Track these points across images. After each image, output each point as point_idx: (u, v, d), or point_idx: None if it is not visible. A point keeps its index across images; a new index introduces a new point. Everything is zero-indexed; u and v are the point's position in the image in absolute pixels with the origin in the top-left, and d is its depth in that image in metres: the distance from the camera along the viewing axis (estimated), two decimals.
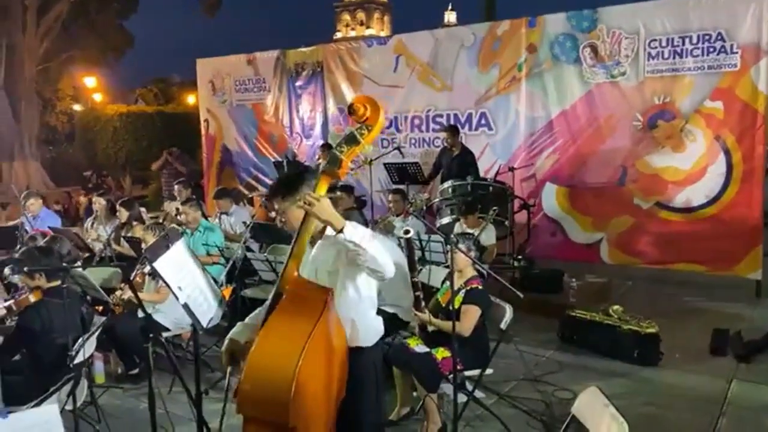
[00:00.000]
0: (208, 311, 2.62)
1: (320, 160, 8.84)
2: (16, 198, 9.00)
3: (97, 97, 21.78)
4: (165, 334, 4.69)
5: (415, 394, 3.91)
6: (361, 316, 2.51)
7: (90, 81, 21.38)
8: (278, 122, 10.11)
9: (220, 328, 5.38)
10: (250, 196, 9.53)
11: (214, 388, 4.46)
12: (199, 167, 11.80)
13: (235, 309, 5.25)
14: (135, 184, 18.60)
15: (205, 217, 6.91)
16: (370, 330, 2.55)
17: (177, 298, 2.43)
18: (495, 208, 6.07)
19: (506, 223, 6.67)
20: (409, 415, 4.00)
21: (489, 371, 3.85)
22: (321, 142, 9.45)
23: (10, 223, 7.03)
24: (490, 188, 6.86)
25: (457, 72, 8.15)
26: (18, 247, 5.92)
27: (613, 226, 7.17)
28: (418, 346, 3.81)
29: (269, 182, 10.21)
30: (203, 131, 11.07)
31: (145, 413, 4.26)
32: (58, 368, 3.62)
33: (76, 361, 3.61)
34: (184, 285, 2.49)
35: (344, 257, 2.35)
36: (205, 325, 2.60)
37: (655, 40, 6.73)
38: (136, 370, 4.80)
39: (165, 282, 2.41)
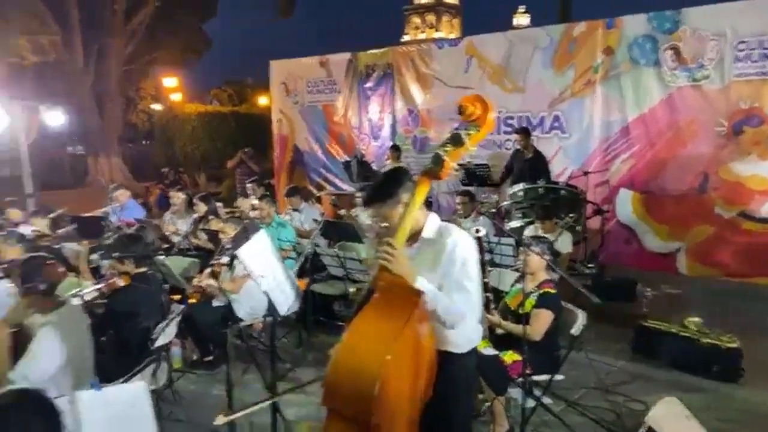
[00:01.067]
0: (287, 300, 2.71)
1: (389, 161, 8.92)
2: (103, 190, 9.57)
3: (176, 97, 22.76)
4: (238, 324, 4.87)
5: (480, 396, 3.89)
6: None
7: (170, 81, 22.36)
8: (348, 123, 10.28)
9: (290, 320, 5.58)
10: (318, 195, 9.72)
11: (284, 378, 4.58)
12: (270, 166, 12.14)
13: (305, 302, 5.38)
14: (209, 181, 19.31)
15: (277, 213, 7.11)
16: (461, 336, 2.52)
17: (259, 285, 2.52)
18: (572, 214, 5.95)
19: (578, 228, 6.52)
20: (475, 416, 3.98)
21: (558, 377, 3.79)
22: (389, 143, 9.53)
23: (98, 212, 7.47)
24: (562, 192, 6.73)
25: (531, 74, 8.04)
26: (105, 235, 6.31)
27: (692, 235, 6.87)
28: (486, 349, 3.79)
29: (338, 182, 10.40)
30: (275, 131, 11.38)
31: (218, 398, 4.48)
32: (141, 350, 3.82)
33: (157, 345, 3.81)
34: (265, 273, 2.58)
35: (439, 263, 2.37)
36: (283, 313, 2.69)
37: (743, 42, 6.41)
38: (210, 357, 5.00)
39: (248, 269, 2.51)
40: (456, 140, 2.35)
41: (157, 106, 25.89)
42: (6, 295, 3.64)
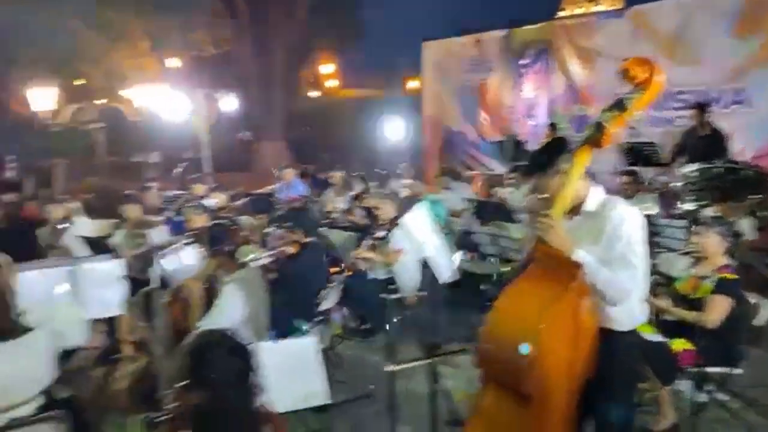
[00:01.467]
0: (447, 267, 2.76)
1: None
2: (267, 172, 10.39)
3: (333, 84, 23.85)
4: (393, 296, 5.05)
5: (644, 384, 3.66)
6: None
7: (327, 68, 23.47)
8: (501, 102, 10.08)
9: (438, 298, 5.66)
10: (469, 174, 9.69)
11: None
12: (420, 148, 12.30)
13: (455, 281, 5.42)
14: (363, 164, 20.10)
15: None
16: (624, 313, 2.40)
17: (423, 252, 2.60)
18: (757, 196, 5.34)
19: (764, 213, 5.83)
20: (639, 405, 3.76)
21: (737, 371, 3.45)
22: (544, 122, 9.21)
23: (267, 189, 8.14)
24: (744, 173, 6.04)
25: (708, 44, 7.29)
26: (273, 210, 6.85)
27: None
28: (652, 335, 3.55)
29: (489, 162, 10.28)
30: (426, 112, 11.49)
31: (373, 366, 4.70)
32: (308, 313, 4.12)
33: (321, 308, 4.09)
34: (426, 241, 2.65)
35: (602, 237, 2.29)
36: (444, 280, 2.75)
37: None
38: (368, 325, 5.24)
39: (412, 237, 2.60)
40: (618, 106, 2.25)
41: (315, 93, 27.32)
42: (195, 258, 4.11)
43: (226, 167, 20.10)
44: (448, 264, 2.82)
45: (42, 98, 11.92)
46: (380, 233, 5.47)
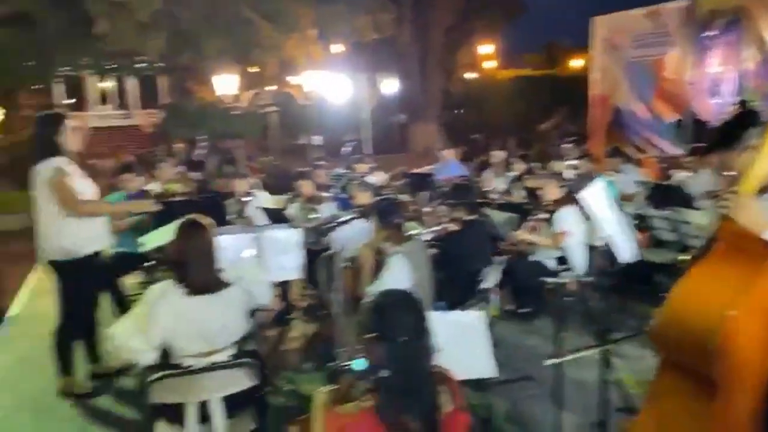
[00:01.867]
0: (630, 247, 2.62)
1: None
2: (421, 155, 10.56)
3: (490, 65, 23.45)
4: (554, 280, 4.89)
5: None
6: None
7: (485, 49, 23.11)
8: (680, 79, 9.22)
9: (603, 285, 5.37)
10: (640, 157, 9.03)
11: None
12: (583, 129, 11.71)
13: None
14: (518, 146, 19.63)
15: None
16: None
17: (602, 229, 2.49)
18: None
19: None
20: None
21: None
22: (731, 100, 8.27)
23: (425, 169, 8.28)
24: None
25: None
26: (430, 190, 6.95)
27: None
28: None
29: (662, 144, 9.50)
30: (593, 91, 10.87)
31: (532, 349, 4.62)
32: (466, 291, 4.14)
33: (481, 287, 4.08)
34: (606, 218, 2.54)
35: None
36: (625, 260, 2.62)
37: None
38: (527, 309, 5.15)
39: (589, 212, 2.50)
40: None
41: (471, 75, 27.09)
42: (363, 230, 4.31)
43: (382, 149, 20.78)
44: (629, 243, 2.66)
45: (226, 84, 13.19)
46: (543, 215, 5.34)
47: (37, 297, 6.68)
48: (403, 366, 1.79)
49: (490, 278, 4.24)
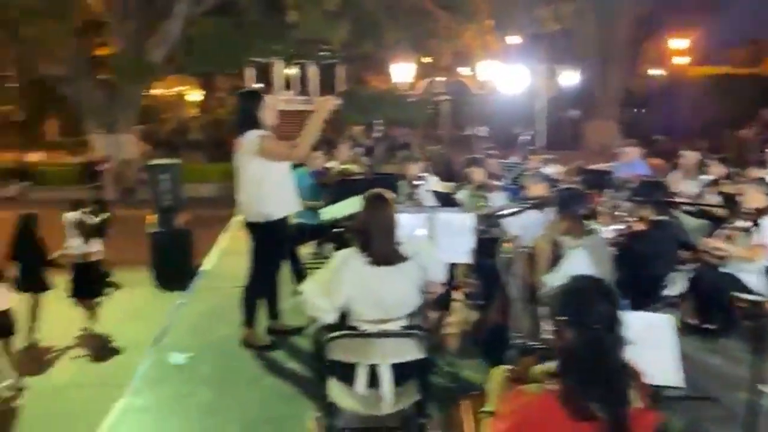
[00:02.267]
0: None
1: None
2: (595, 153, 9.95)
3: (682, 61, 21.30)
4: (745, 296, 4.37)
5: None
6: None
7: (678, 43, 21.01)
8: None
9: None
10: None
11: None
12: None
13: None
14: (710, 151, 17.75)
15: None
16: None
17: None
18: None
19: None
20: None
21: None
22: None
23: (603, 166, 7.82)
24: None
25: None
26: (607, 188, 6.53)
27: None
28: None
29: None
30: None
31: (716, 369, 4.16)
32: (648, 295, 3.83)
33: (665, 293, 3.77)
34: None
35: None
36: None
37: None
38: (712, 326, 4.66)
39: None
40: None
41: (657, 71, 24.91)
42: (536, 222, 4.18)
43: (554, 144, 19.97)
44: None
45: (402, 73, 13.54)
46: (741, 223, 4.79)
47: (225, 256, 7.48)
48: (596, 354, 1.71)
49: (676, 285, 3.90)
